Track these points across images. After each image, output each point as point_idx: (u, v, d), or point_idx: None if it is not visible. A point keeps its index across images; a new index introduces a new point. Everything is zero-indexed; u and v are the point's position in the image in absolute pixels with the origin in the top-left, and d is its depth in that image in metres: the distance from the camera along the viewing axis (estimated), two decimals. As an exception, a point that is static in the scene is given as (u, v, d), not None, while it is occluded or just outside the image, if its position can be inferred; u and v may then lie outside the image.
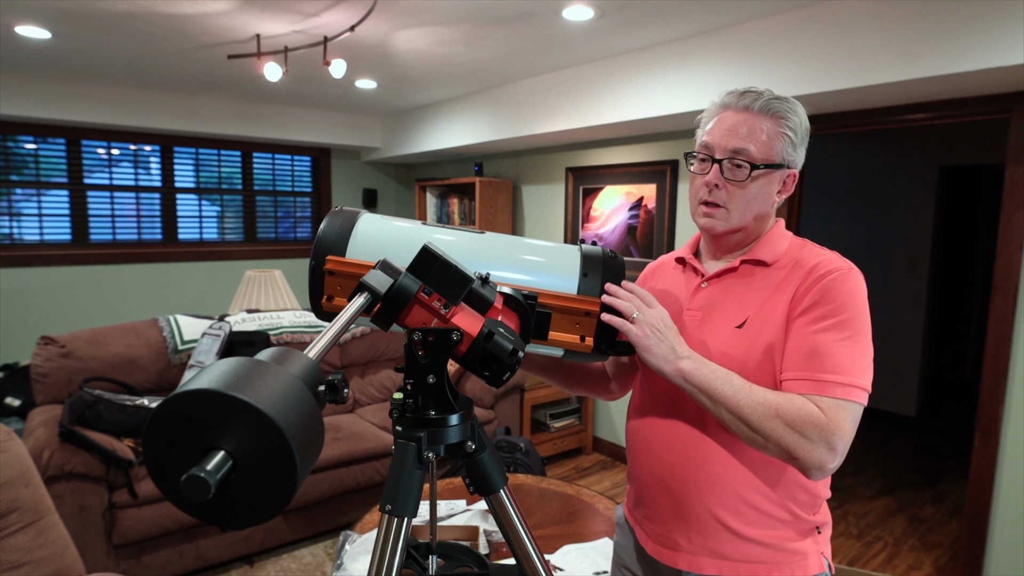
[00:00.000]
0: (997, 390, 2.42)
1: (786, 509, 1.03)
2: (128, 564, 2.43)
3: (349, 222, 0.98)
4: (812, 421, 0.90)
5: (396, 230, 0.99)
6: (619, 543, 1.26)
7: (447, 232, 0.99)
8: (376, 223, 0.99)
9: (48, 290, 4.42)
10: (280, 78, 3.49)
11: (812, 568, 1.04)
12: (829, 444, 0.90)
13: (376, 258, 0.94)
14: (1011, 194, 2.36)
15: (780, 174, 1.05)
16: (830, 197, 5.00)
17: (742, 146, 1.01)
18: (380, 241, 0.96)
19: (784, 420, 0.90)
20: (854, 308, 0.96)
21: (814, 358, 0.94)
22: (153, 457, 0.50)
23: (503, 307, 0.91)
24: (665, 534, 1.09)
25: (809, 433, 0.90)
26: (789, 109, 1.03)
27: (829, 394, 0.92)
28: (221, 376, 0.48)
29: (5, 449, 1.46)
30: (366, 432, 3.04)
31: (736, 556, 1.03)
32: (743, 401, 0.92)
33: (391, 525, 0.83)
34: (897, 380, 4.77)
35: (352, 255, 0.95)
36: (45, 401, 2.65)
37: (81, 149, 4.51)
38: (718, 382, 0.94)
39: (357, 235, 0.97)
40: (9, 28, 2.91)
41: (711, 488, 1.03)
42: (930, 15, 2.14)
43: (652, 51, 3.08)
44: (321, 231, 0.96)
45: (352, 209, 1.01)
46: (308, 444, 0.49)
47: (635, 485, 1.16)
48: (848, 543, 3.04)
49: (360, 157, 5.85)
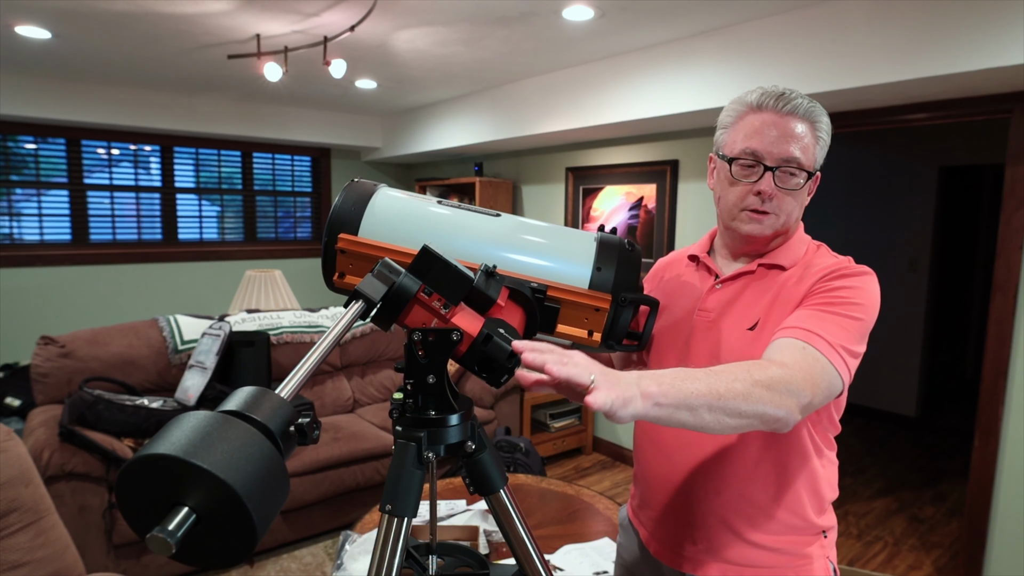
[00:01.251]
0: (997, 390, 2.41)
1: (794, 513, 1.02)
2: (128, 564, 2.43)
3: (364, 198, 0.96)
4: (767, 372, 0.81)
5: (410, 209, 0.97)
6: (622, 544, 1.25)
7: (463, 213, 0.97)
8: (390, 201, 0.97)
9: (48, 290, 4.42)
10: (280, 78, 3.49)
11: (818, 572, 1.04)
12: (789, 388, 0.80)
13: (389, 237, 0.93)
14: (1011, 194, 2.36)
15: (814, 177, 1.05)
16: (830, 197, 5.00)
17: (794, 155, 0.98)
18: (392, 220, 0.95)
19: (763, 377, 0.80)
20: (866, 302, 0.94)
21: (807, 319, 0.90)
22: (127, 509, 0.52)
23: (508, 301, 0.90)
24: (671, 536, 1.09)
25: (756, 372, 0.80)
26: (821, 111, 1.01)
27: (803, 340, 0.87)
28: (184, 438, 0.51)
29: (5, 449, 1.46)
30: (366, 432, 3.04)
31: (741, 561, 1.03)
32: (720, 388, 0.77)
33: (391, 525, 0.83)
34: (897, 380, 4.77)
35: (365, 233, 0.94)
36: (45, 401, 2.65)
37: (81, 149, 4.51)
38: (685, 383, 0.76)
39: (372, 211, 0.95)
40: (9, 28, 2.91)
41: (720, 491, 1.02)
42: (930, 15, 2.14)
43: (652, 51, 3.08)
44: (335, 207, 0.95)
45: (368, 183, 0.99)
46: (267, 500, 0.52)
47: (642, 486, 1.16)
48: (848, 543, 3.04)
49: (360, 157, 5.85)
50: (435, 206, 0.98)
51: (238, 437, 0.52)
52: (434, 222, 0.96)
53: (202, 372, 2.74)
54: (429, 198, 1.01)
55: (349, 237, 0.93)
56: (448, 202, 1.00)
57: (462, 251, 0.94)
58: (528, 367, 0.72)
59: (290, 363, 3.23)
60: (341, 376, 3.47)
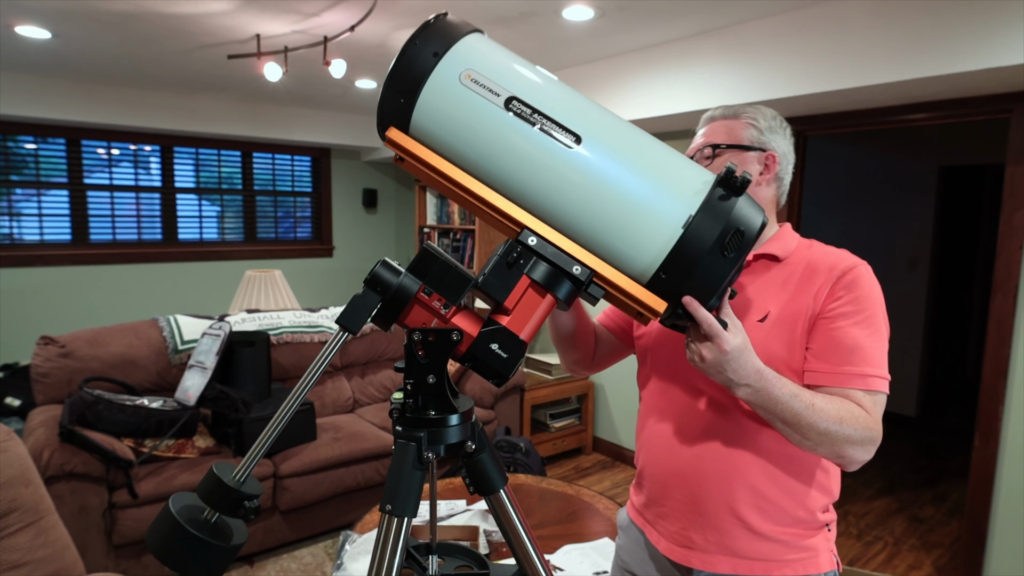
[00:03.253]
0: (997, 390, 2.41)
1: (802, 505, 1.04)
2: (128, 564, 2.43)
3: (423, 72, 0.79)
4: (863, 423, 0.94)
5: (473, 110, 0.79)
6: (622, 546, 1.25)
7: (534, 138, 0.79)
8: (451, 90, 0.79)
9: (48, 290, 4.42)
10: (280, 78, 3.49)
11: (824, 565, 1.06)
12: (874, 442, 0.95)
13: (440, 141, 0.81)
14: (1011, 194, 2.36)
15: (755, 155, 1.09)
16: (830, 197, 5.00)
17: (713, 141, 1.11)
18: (448, 119, 0.80)
19: (849, 425, 0.93)
20: (877, 303, 1.01)
21: (856, 353, 0.98)
22: None
23: (530, 291, 0.82)
24: (680, 532, 1.09)
25: (862, 436, 0.94)
26: (749, 106, 1.12)
27: (871, 387, 0.98)
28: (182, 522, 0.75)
29: (5, 449, 1.46)
30: (366, 432, 3.04)
31: (751, 554, 1.04)
32: (806, 417, 0.92)
33: (391, 525, 0.83)
34: (897, 380, 4.77)
35: (416, 131, 0.82)
36: (45, 401, 2.65)
37: (81, 149, 4.51)
38: (782, 402, 0.92)
39: (428, 99, 0.80)
40: (9, 28, 2.91)
41: (731, 482, 1.04)
42: (930, 15, 2.14)
43: (652, 51, 3.08)
44: (382, 94, 0.82)
45: (450, 31, 0.81)
46: (174, 554, 0.74)
47: (648, 483, 1.16)
48: (848, 543, 3.04)
49: (360, 157, 5.85)
50: (505, 113, 0.79)
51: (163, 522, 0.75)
52: (493, 141, 0.79)
53: (202, 372, 2.74)
54: (513, 81, 0.80)
55: (397, 135, 0.82)
56: (530, 96, 0.80)
57: (517, 192, 0.81)
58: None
59: (290, 363, 3.23)
60: (341, 376, 3.47)
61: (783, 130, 1.12)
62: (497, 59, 0.82)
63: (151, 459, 2.52)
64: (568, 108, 0.81)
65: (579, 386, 4.03)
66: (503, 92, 0.80)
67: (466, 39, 0.81)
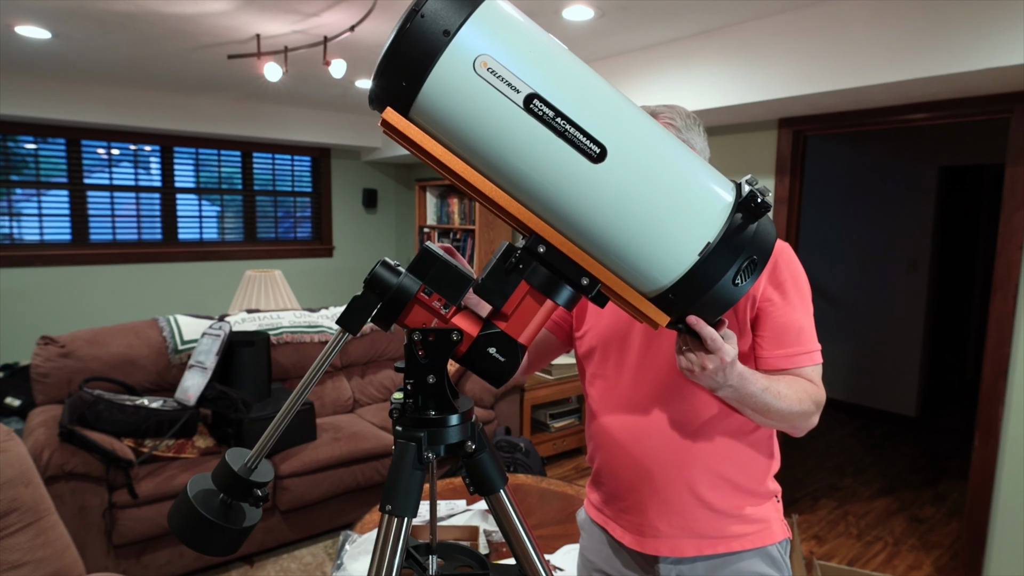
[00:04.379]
0: (997, 390, 2.41)
1: (752, 477, 1.12)
2: (128, 564, 2.43)
3: (435, 49, 0.67)
4: (815, 397, 1.04)
5: (486, 101, 0.69)
6: (587, 546, 1.27)
7: (553, 145, 0.71)
8: (465, 76, 0.68)
9: (48, 290, 4.42)
10: (280, 78, 3.49)
11: (778, 534, 1.14)
12: (821, 408, 1.05)
13: (445, 128, 0.72)
14: (1011, 194, 2.36)
15: None
16: (830, 197, 5.00)
17: None
18: (458, 107, 0.69)
19: (806, 403, 1.02)
20: (802, 277, 1.09)
21: (802, 334, 1.07)
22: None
23: (527, 298, 0.81)
24: (645, 522, 1.12)
25: (815, 408, 1.04)
26: (664, 106, 1.15)
27: (816, 361, 1.07)
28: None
29: (5, 449, 1.46)
30: (366, 432, 3.04)
31: (714, 533, 1.10)
32: (774, 405, 0.99)
33: (391, 525, 0.83)
34: (897, 380, 4.77)
35: (419, 114, 0.72)
36: (45, 401, 2.65)
37: (81, 149, 4.51)
38: (756, 395, 0.98)
39: (439, 80, 0.68)
40: (9, 28, 2.91)
41: (691, 466, 1.09)
42: (930, 15, 2.14)
43: (652, 51, 3.08)
44: (379, 68, 0.70)
45: (442, 26, 0.67)
46: (194, 534, 0.79)
47: (608, 479, 1.18)
48: (848, 543, 3.04)
49: (360, 157, 5.85)
50: (523, 113, 0.69)
51: (182, 504, 0.80)
52: (507, 141, 0.70)
53: (202, 372, 2.74)
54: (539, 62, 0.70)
55: (395, 118, 0.71)
56: (553, 95, 0.69)
57: (527, 195, 0.74)
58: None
59: (290, 363, 3.23)
60: (341, 376, 3.47)
61: (698, 127, 1.15)
62: (518, 41, 0.70)
63: (151, 459, 2.52)
64: (595, 111, 0.72)
65: (579, 386, 4.03)
66: (523, 88, 0.69)
67: (483, 7, 0.68)
